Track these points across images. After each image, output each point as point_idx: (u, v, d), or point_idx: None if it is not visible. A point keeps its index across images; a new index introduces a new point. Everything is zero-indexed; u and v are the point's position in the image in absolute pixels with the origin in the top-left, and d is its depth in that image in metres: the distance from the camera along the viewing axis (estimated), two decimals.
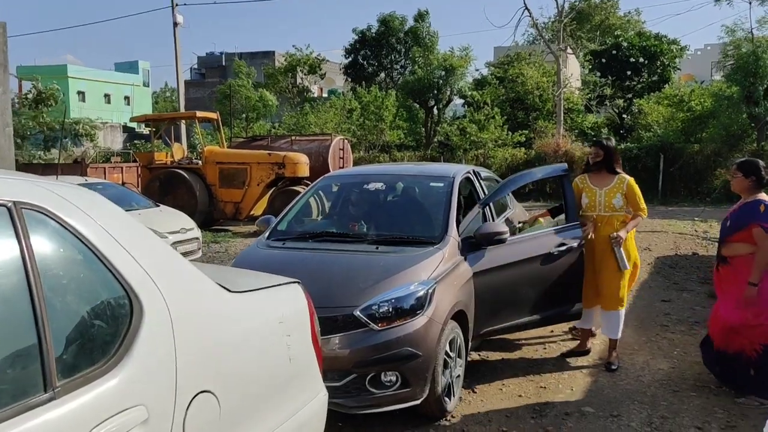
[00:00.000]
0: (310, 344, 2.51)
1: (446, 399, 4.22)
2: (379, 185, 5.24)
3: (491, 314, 4.80)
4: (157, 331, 1.82)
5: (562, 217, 5.53)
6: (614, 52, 29.25)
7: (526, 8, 22.63)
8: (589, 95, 28.42)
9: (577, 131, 26.48)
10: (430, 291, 4.06)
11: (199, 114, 15.83)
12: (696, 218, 15.22)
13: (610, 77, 28.86)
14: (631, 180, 5.30)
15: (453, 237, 4.61)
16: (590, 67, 29.89)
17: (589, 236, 5.17)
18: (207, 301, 2.05)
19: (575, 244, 5.08)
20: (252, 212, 14.46)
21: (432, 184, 5.31)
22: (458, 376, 4.42)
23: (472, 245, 4.69)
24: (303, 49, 36.05)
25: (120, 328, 1.75)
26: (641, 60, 29.06)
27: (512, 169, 21.37)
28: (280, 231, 5.03)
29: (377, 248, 4.46)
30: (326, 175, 5.94)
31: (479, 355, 5.52)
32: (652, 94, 27.04)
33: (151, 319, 1.81)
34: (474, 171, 5.90)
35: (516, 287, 4.94)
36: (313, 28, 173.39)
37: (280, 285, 2.52)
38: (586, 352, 5.54)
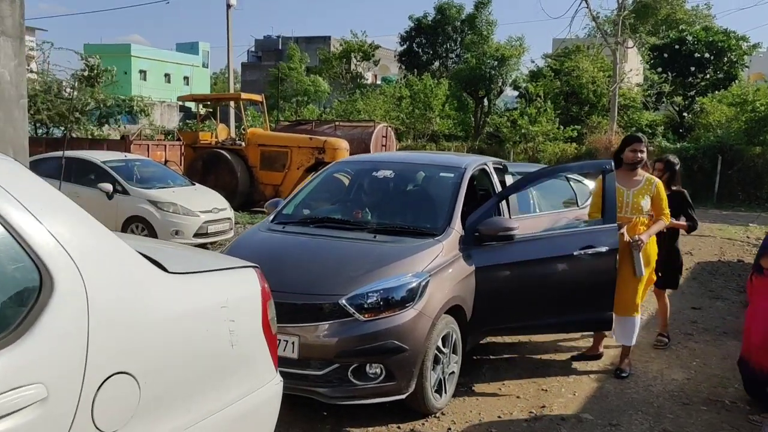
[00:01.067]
0: (260, 331, 2.44)
1: (436, 395, 4.10)
2: (387, 173, 5.13)
3: (495, 313, 4.60)
4: (68, 308, 1.77)
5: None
6: (677, 46, 28.08)
7: None
8: (648, 91, 27.40)
9: (633, 128, 25.62)
10: (422, 283, 3.94)
11: (244, 95, 15.97)
12: (751, 224, 14.52)
13: (671, 73, 27.72)
14: (660, 183, 5.02)
15: (456, 230, 4.46)
16: (651, 61, 28.79)
17: (626, 239, 4.86)
18: (134, 281, 1.99)
19: (604, 249, 4.64)
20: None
21: (442, 174, 5.15)
22: (452, 372, 4.29)
23: (477, 240, 4.52)
24: (359, 34, 36.13)
25: (25, 303, 1.71)
26: (707, 56, 27.82)
27: (561, 164, 20.84)
28: (285, 215, 4.99)
29: (375, 237, 4.36)
30: (338, 160, 5.88)
31: (486, 352, 5.37)
32: (716, 92, 25.88)
33: (63, 295, 1.76)
34: (495, 163, 5.71)
35: (525, 288, 4.65)
36: (370, 13, 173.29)
37: (231, 268, 2.45)
38: (598, 357, 5.31)
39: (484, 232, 4.47)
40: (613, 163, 4.97)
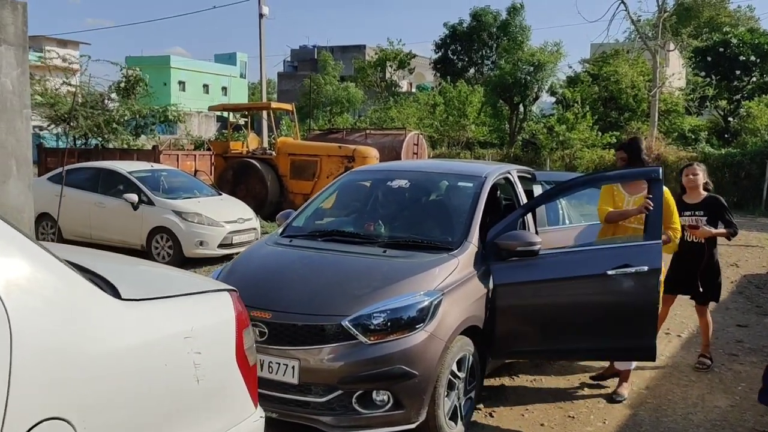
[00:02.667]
0: (233, 363, 2.18)
1: (450, 423, 3.78)
2: (402, 183, 4.83)
3: (517, 335, 4.23)
4: None
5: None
6: (722, 49, 27.13)
7: (622, 1, 21.27)
8: (691, 96, 26.51)
9: (675, 134, 24.78)
10: (435, 302, 3.63)
11: (274, 105, 15.90)
12: None
13: (714, 77, 26.78)
14: (667, 191, 4.59)
15: (473, 244, 4.13)
16: (693, 65, 27.89)
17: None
18: (73, 310, 1.76)
19: (645, 269, 4.06)
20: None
21: (460, 183, 4.84)
22: (469, 398, 3.96)
23: (497, 255, 4.18)
24: (395, 43, 36.03)
25: None
26: (752, 58, 26.80)
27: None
28: (295, 227, 4.74)
29: (385, 251, 4.06)
30: (352, 170, 5.61)
31: (508, 374, 5.02)
32: (764, 95, 24.86)
33: None
34: (521, 172, 5.38)
35: (550, 309, 4.22)
36: (404, 21, 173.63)
37: (200, 293, 2.20)
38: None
39: (503, 247, 4.12)
40: (661, 171, 4.42)
